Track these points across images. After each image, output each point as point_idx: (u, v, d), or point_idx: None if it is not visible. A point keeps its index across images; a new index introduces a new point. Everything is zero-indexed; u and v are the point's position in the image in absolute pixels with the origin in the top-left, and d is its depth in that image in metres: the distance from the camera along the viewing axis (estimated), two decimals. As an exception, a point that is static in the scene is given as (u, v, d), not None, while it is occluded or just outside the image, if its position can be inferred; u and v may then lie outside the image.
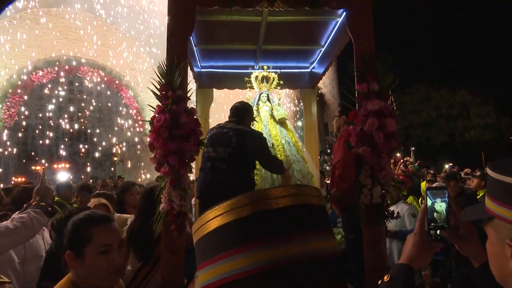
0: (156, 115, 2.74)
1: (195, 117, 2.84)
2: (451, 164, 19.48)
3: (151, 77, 3.06)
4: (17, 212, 2.46)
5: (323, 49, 4.57)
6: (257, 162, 3.18)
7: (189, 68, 4.49)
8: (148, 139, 2.81)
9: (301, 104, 5.36)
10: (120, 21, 13.02)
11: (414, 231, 1.09)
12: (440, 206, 1.09)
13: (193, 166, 2.92)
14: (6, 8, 10.54)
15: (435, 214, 1.09)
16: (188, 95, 2.91)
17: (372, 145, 2.76)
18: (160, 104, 2.80)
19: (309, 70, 5.18)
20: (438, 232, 1.07)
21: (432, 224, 1.08)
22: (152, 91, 2.87)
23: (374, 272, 2.73)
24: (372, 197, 2.76)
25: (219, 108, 10.07)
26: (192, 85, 5.31)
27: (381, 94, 2.89)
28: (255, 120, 3.62)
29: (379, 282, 1.06)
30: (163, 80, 2.84)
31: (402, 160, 14.29)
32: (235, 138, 3.00)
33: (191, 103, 5.26)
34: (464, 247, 0.97)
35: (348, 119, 2.94)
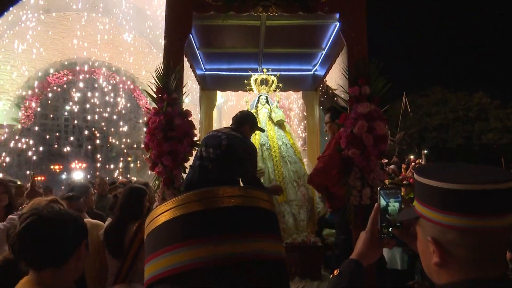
0: (152, 117, 2.85)
1: (189, 119, 2.93)
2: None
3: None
4: (15, 212, 2.57)
5: (324, 52, 4.61)
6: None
7: (191, 71, 4.63)
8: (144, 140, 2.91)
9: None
10: (132, 24, 13.31)
11: (366, 228, 1.15)
12: (393, 206, 1.15)
13: (187, 166, 3.02)
14: (12, 9, 10.92)
15: (388, 213, 1.14)
16: (189, 97, 2.99)
17: (362, 148, 2.80)
18: (156, 106, 2.91)
19: (312, 72, 5.23)
20: (390, 230, 1.13)
21: (385, 222, 1.13)
22: (148, 93, 2.98)
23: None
24: (361, 199, 2.81)
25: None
26: (196, 87, 5.45)
27: (373, 97, 2.93)
28: (260, 130, 3.57)
29: (331, 276, 1.13)
30: (159, 83, 2.95)
31: (413, 163, 14.17)
32: (226, 141, 3.07)
33: (196, 106, 5.39)
34: (414, 244, 1.04)
35: (339, 122, 2.98)
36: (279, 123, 4.09)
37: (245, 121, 3.35)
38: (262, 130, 3.63)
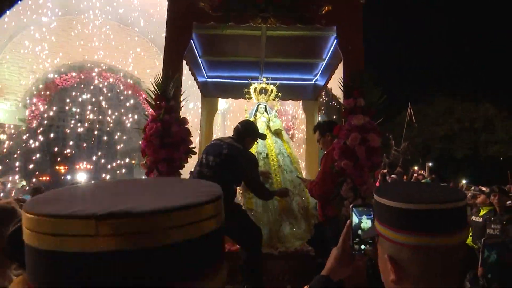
0: (149, 124, 2.91)
1: (186, 126, 2.99)
2: (465, 180, 19.02)
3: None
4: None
5: (324, 62, 4.66)
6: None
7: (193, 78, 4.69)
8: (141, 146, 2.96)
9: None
10: (138, 30, 13.48)
11: (337, 245, 1.19)
12: (366, 223, 1.19)
13: (182, 172, 3.07)
14: (11, 10, 11.09)
15: (360, 230, 1.18)
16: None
17: (355, 159, 2.84)
18: (153, 113, 2.97)
19: (312, 82, 5.28)
20: (362, 247, 1.16)
21: (357, 239, 1.17)
22: (146, 100, 3.04)
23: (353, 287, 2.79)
24: (353, 210, 2.83)
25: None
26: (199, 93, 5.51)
27: (367, 110, 2.96)
28: (263, 138, 3.60)
29: None
30: (157, 91, 3.01)
31: (415, 174, 14.12)
32: (226, 151, 3.13)
33: (197, 112, 5.43)
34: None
35: (333, 133, 3.02)
36: (277, 132, 4.14)
37: (247, 135, 3.37)
38: (264, 137, 3.64)
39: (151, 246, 0.44)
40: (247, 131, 3.37)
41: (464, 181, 17.59)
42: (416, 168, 17.82)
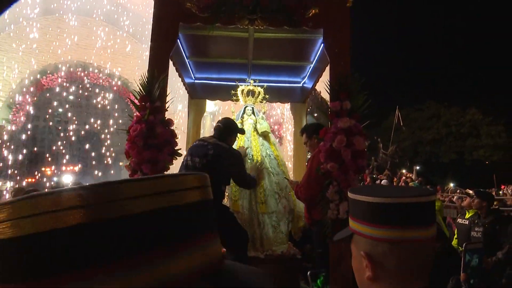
0: (133, 125, 2.87)
1: (171, 128, 2.95)
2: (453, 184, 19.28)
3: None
4: None
5: (312, 65, 4.66)
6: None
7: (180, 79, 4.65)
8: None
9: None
10: (128, 29, 13.39)
11: None
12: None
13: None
14: (9, 11, 10.92)
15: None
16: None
17: (340, 162, 2.84)
18: (138, 114, 2.93)
19: (300, 85, 5.28)
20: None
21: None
22: (131, 101, 3.00)
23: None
24: (338, 213, 2.83)
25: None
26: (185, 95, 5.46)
27: (353, 113, 2.97)
28: (242, 132, 3.68)
29: None
30: (143, 91, 2.97)
31: (403, 177, 14.25)
32: (212, 151, 3.14)
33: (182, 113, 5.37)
34: None
35: (320, 136, 3.02)
36: (264, 134, 4.12)
37: (229, 133, 3.41)
38: (243, 132, 3.72)
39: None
40: (229, 129, 3.40)
41: (451, 184, 17.82)
42: (404, 171, 18.01)
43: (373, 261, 0.86)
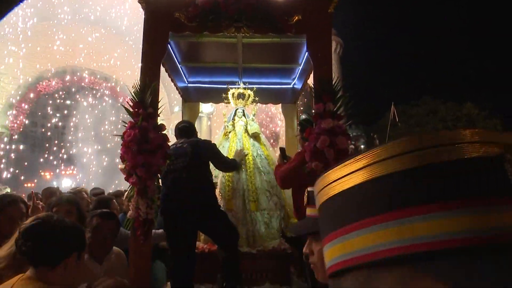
0: (128, 130, 3.02)
1: (163, 132, 3.11)
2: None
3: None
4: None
5: (300, 67, 4.82)
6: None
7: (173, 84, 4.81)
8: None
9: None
10: (125, 36, 13.53)
11: None
12: None
13: (160, 177, 3.19)
14: (10, 14, 11.03)
15: None
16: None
17: (324, 162, 2.99)
18: (132, 120, 3.08)
19: (291, 86, 5.43)
20: None
21: None
22: (125, 108, 3.15)
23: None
24: (323, 209, 2.98)
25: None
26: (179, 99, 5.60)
27: (336, 114, 3.13)
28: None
29: None
30: (135, 98, 3.12)
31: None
32: (190, 148, 3.43)
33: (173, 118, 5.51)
34: None
35: (305, 136, 3.18)
36: (254, 135, 4.29)
37: (194, 130, 3.85)
38: None
39: None
40: (193, 127, 3.87)
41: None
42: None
43: None
